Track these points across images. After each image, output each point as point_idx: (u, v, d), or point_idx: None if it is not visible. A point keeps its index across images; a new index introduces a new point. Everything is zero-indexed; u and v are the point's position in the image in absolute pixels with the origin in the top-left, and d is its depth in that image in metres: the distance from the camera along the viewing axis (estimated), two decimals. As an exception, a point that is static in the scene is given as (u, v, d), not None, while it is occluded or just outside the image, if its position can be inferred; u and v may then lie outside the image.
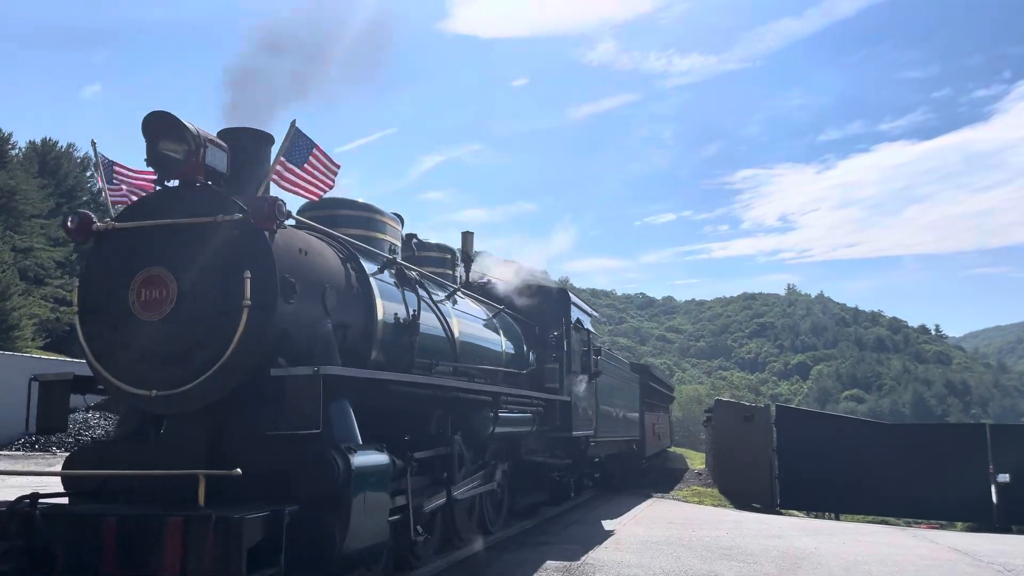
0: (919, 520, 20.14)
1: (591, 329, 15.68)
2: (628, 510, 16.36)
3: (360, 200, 8.20)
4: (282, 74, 6.28)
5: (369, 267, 7.36)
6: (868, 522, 19.29)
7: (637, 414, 22.55)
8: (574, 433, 13.21)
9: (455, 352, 8.89)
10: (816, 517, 19.87)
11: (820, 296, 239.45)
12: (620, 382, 20.13)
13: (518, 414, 10.08)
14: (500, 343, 10.93)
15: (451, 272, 11.01)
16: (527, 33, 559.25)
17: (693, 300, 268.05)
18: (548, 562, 9.68)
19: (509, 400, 9.59)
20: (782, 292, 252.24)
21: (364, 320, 7.01)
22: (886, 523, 19.76)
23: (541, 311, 13.27)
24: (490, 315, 11.13)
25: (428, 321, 8.25)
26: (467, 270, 12.47)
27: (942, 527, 19.16)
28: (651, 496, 20.19)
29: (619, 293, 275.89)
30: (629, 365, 24.58)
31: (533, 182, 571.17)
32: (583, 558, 9.98)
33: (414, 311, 7.75)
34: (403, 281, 8.03)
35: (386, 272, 7.76)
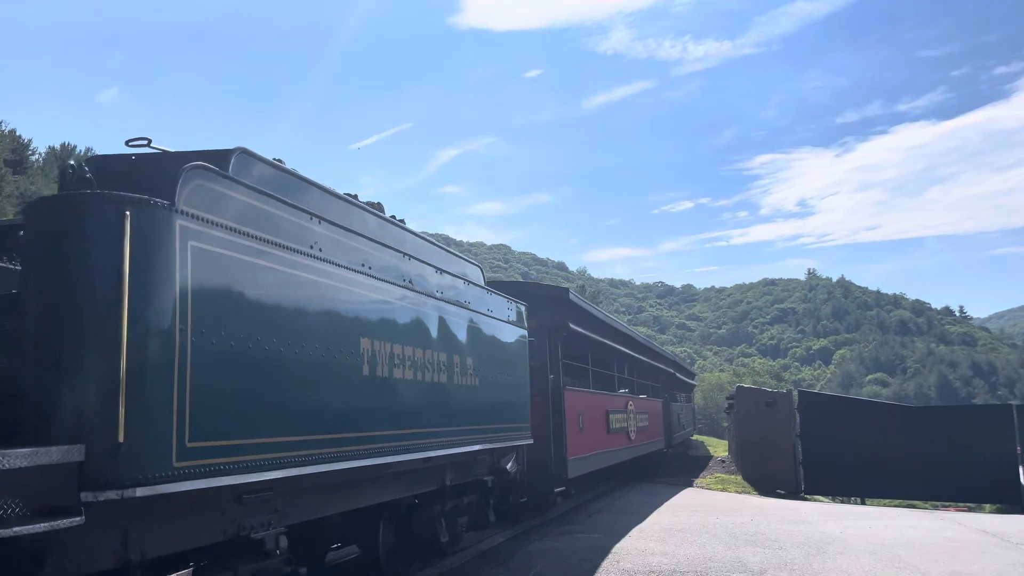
0: (946, 503, 19.96)
1: None
2: (652, 499, 16.34)
3: None
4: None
5: None
6: (894, 506, 19.15)
7: (521, 388, 10.49)
8: None
9: None
10: (841, 502, 19.75)
11: (841, 280, 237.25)
12: (398, 285, 7.05)
13: None
14: None
15: None
16: (540, 24, 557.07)
17: (713, 287, 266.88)
18: (572, 552, 9.69)
19: None
20: (802, 277, 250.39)
21: None
22: (913, 507, 19.62)
23: None
24: None
25: None
26: None
27: (970, 510, 18.99)
28: (675, 485, 20.16)
29: (638, 282, 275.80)
30: (482, 275, 10.10)
31: (550, 173, 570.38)
32: (607, 547, 9.98)
33: None
34: None
35: None
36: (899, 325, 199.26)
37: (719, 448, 36.89)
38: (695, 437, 43.77)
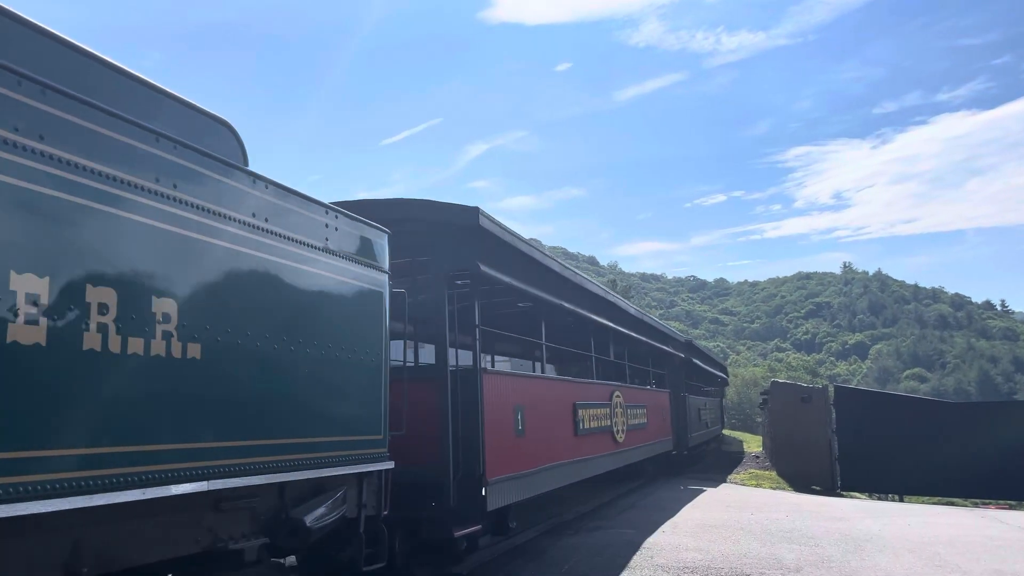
0: (987, 500, 19.56)
1: None
2: (684, 494, 16.24)
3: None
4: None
5: None
6: (934, 503, 18.81)
7: (362, 372, 6.04)
8: None
9: None
10: (878, 499, 19.46)
11: (878, 274, 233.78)
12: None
13: None
14: None
15: None
16: (571, 18, 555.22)
17: (746, 281, 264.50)
18: (604, 546, 9.66)
19: None
20: (838, 271, 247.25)
21: None
22: (952, 504, 19.25)
23: None
24: None
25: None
26: None
27: (1011, 507, 18.59)
28: (707, 481, 20.02)
29: (670, 276, 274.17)
30: (241, 149, 5.20)
31: (580, 167, 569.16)
32: (640, 542, 9.93)
33: None
34: None
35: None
36: (938, 319, 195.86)
37: (753, 444, 36.58)
38: (728, 433, 43.43)
